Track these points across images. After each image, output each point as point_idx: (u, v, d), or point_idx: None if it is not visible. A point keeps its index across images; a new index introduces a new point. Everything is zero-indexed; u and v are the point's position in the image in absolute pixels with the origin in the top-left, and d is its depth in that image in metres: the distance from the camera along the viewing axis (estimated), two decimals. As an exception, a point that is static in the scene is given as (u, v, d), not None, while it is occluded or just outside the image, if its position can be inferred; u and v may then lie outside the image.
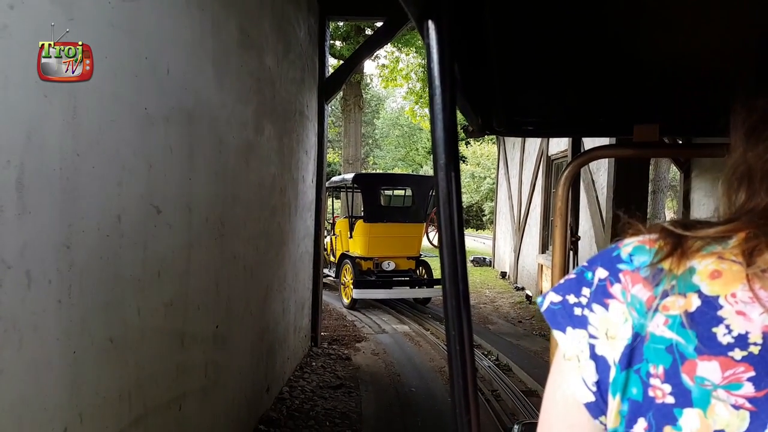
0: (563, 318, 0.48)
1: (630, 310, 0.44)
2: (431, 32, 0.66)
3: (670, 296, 0.42)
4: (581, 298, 0.47)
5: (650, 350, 0.41)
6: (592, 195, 6.38)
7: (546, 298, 0.50)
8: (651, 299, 0.43)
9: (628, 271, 0.45)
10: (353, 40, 11.55)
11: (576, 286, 0.48)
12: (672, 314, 0.41)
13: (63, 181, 1.56)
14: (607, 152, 1.24)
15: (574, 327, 0.46)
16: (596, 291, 0.46)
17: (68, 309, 1.61)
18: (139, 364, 2.01)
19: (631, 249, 0.47)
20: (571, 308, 0.47)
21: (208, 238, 2.63)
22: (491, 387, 4.87)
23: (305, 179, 5.03)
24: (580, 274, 0.48)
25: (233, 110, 2.94)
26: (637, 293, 0.44)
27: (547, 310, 0.49)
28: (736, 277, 0.41)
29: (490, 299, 9.14)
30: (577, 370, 0.46)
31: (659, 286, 0.43)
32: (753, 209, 0.45)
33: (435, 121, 0.68)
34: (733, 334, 0.39)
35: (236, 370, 3.16)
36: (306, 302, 5.35)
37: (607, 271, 0.46)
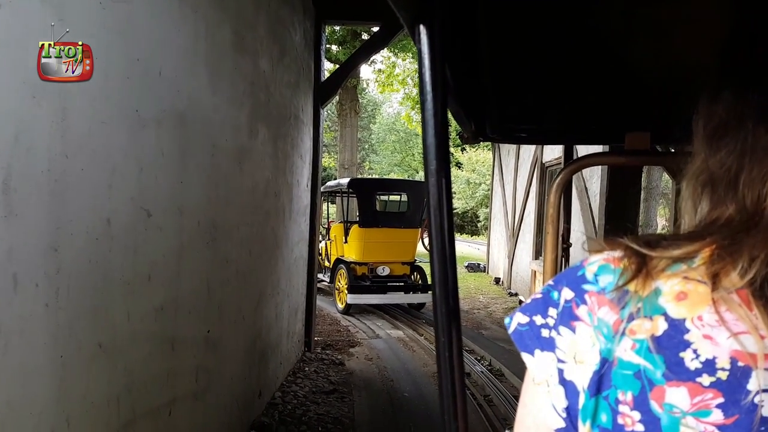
0: (531, 340, 0.47)
1: (597, 334, 0.43)
2: (423, 37, 0.66)
3: (636, 319, 0.41)
4: (548, 319, 0.46)
5: (618, 376, 0.41)
6: (585, 202, 6.40)
7: (513, 319, 0.49)
8: (617, 323, 0.42)
9: (593, 293, 0.44)
10: (349, 44, 11.57)
11: (542, 307, 0.47)
12: (639, 338, 0.40)
13: (51, 183, 1.54)
14: (599, 159, 1.24)
15: (543, 349, 0.46)
16: (563, 313, 0.45)
17: (55, 313, 1.59)
18: (128, 368, 1.98)
19: (596, 268, 0.45)
20: (539, 330, 0.46)
21: (199, 242, 2.61)
22: (484, 392, 4.85)
23: (300, 183, 5.01)
24: (546, 294, 0.47)
25: (227, 113, 2.93)
26: (603, 316, 0.43)
27: (514, 332, 0.48)
28: (702, 298, 0.40)
29: (483, 305, 9.14)
30: (546, 395, 0.45)
31: (625, 308, 0.42)
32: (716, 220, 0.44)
33: (426, 126, 0.68)
34: (700, 359, 0.38)
35: (228, 375, 3.13)
36: (300, 307, 5.32)
37: (573, 292, 0.45)
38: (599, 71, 1.16)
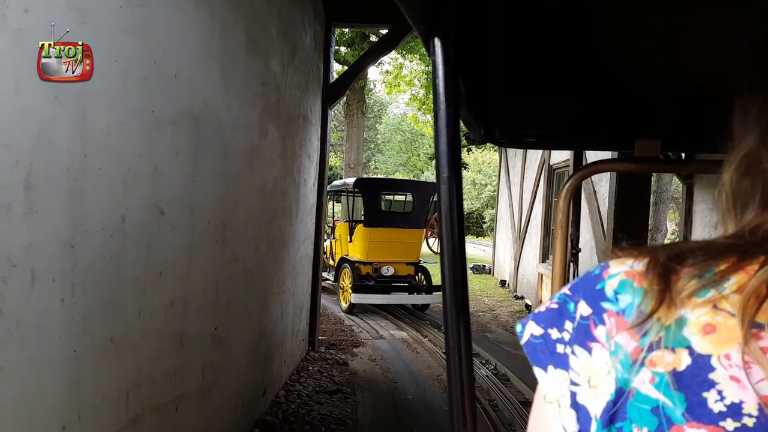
0: (544, 355, 0.44)
1: (614, 361, 0.40)
2: (437, 49, 0.68)
3: (657, 350, 0.38)
4: (564, 334, 0.43)
5: (634, 409, 0.38)
6: (593, 206, 6.39)
7: (526, 328, 0.46)
8: (637, 351, 0.39)
9: (612, 313, 0.41)
10: (358, 46, 11.61)
11: (558, 319, 0.44)
12: (659, 372, 0.37)
13: (70, 181, 1.58)
14: (609, 166, 1.25)
15: (556, 367, 0.43)
16: (578, 330, 0.42)
17: (70, 308, 1.63)
18: (137, 364, 2.02)
19: (617, 284, 0.42)
20: (554, 344, 0.44)
21: (209, 240, 2.65)
22: (489, 397, 4.86)
23: (307, 183, 5.05)
24: (563, 305, 0.44)
25: (238, 114, 2.96)
26: (621, 342, 0.40)
27: (527, 344, 0.45)
28: (732, 335, 0.36)
29: (489, 307, 9.13)
30: (557, 416, 0.42)
31: (646, 336, 0.39)
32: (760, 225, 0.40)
33: (439, 135, 0.70)
34: (725, 402, 0.35)
35: (233, 373, 3.16)
36: (304, 306, 5.36)
37: (591, 309, 0.42)
38: (609, 78, 1.17)
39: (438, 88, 0.70)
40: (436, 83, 0.70)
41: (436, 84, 0.70)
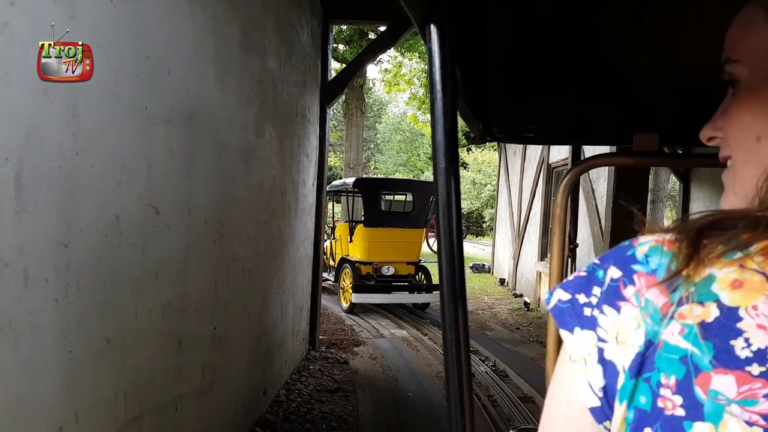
0: (571, 318, 0.46)
1: (644, 316, 0.42)
2: (433, 36, 0.66)
3: (686, 304, 0.40)
4: (591, 298, 0.45)
5: (662, 359, 0.40)
6: (591, 203, 6.38)
7: (553, 294, 0.48)
8: (667, 306, 0.41)
9: (642, 273, 0.43)
10: (356, 43, 11.59)
11: (586, 285, 0.46)
12: (688, 323, 0.40)
13: (62, 179, 1.56)
14: (607, 160, 1.24)
15: (583, 328, 0.45)
16: (608, 292, 0.44)
17: (65, 308, 1.60)
18: (135, 364, 2.00)
19: (647, 249, 0.44)
20: (581, 308, 0.45)
21: (206, 240, 2.62)
22: (488, 392, 4.85)
23: (306, 182, 5.03)
24: (591, 272, 0.46)
25: (234, 112, 2.94)
26: (652, 298, 0.42)
27: (554, 308, 0.47)
28: (758, 288, 0.39)
29: (488, 305, 9.13)
30: (583, 373, 0.44)
31: (676, 292, 0.41)
32: None
33: (436, 125, 0.68)
34: (752, 348, 0.38)
35: (233, 372, 3.15)
36: (305, 305, 5.34)
37: (621, 271, 0.44)
38: (607, 71, 1.16)
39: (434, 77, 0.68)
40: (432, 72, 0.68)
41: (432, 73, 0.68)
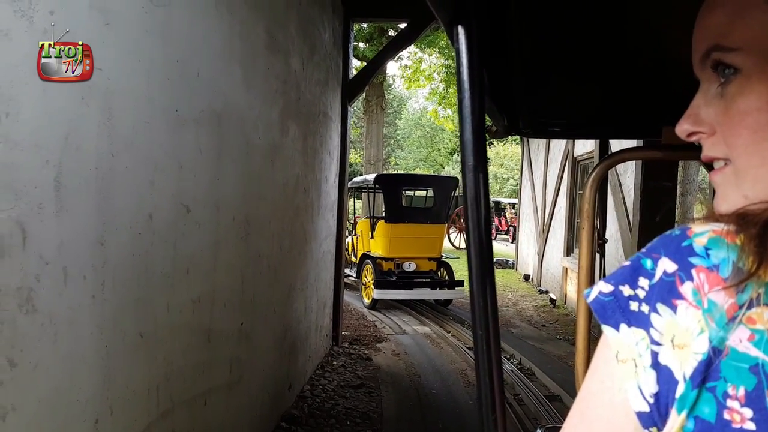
0: (615, 312, 0.42)
1: (707, 319, 0.38)
2: (461, 37, 0.67)
3: (756, 307, 0.36)
4: (638, 290, 0.41)
5: (730, 368, 0.37)
6: (618, 197, 6.27)
7: (594, 288, 0.44)
8: (733, 308, 0.37)
9: (703, 268, 0.39)
10: (376, 41, 11.59)
11: (631, 276, 0.42)
12: (759, 329, 0.36)
13: (98, 180, 1.62)
14: (635, 154, 1.22)
15: (630, 324, 0.41)
16: (660, 287, 0.40)
17: (101, 304, 1.66)
18: (167, 359, 2.06)
19: (707, 241, 0.39)
20: (626, 301, 0.41)
21: (234, 237, 2.68)
22: (514, 391, 4.83)
23: (328, 179, 5.07)
24: (636, 261, 0.42)
25: (260, 112, 2.99)
26: (715, 299, 0.38)
27: (595, 301, 0.43)
28: None
29: (512, 302, 9.06)
30: (632, 375, 0.41)
31: (744, 293, 0.37)
32: None
33: (464, 124, 0.69)
34: None
35: (259, 367, 3.21)
36: (327, 302, 5.39)
37: (676, 264, 0.40)
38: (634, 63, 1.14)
39: (462, 77, 0.69)
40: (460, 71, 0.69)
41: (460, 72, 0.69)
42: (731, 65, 0.45)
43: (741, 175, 0.45)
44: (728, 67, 0.45)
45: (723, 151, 0.46)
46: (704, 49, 0.46)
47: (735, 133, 0.45)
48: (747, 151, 0.44)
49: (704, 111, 0.47)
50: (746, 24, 0.43)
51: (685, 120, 0.49)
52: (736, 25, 0.44)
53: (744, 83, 0.44)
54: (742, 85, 0.44)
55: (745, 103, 0.44)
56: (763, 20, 0.43)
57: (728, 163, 0.46)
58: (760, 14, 0.43)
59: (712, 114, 0.47)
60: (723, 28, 0.45)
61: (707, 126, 0.47)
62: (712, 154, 0.47)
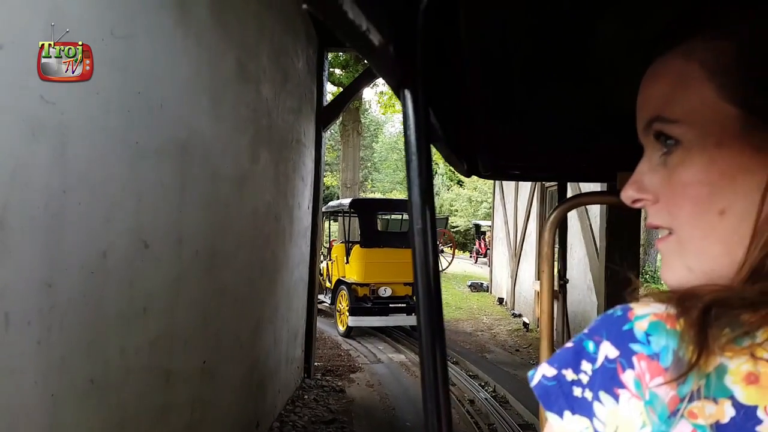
0: (558, 398, 0.41)
1: (649, 412, 0.36)
2: (408, 102, 0.66)
3: (697, 400, 0.35)
4: (581, 375, 0.40)
5: None
6: (585, 223, 6.38)
7: (538, 370, 0.43)
8: (675, 401, 0.36)
9: (644, 356, 0.38)
10: (352, 68, 11.71)
11: (574, 359, 0.41)
12: (700, 424, 0.35)
13: (48, 218, 1.54)
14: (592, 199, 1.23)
15: (574, 412, 0.39)
16: (603, 374, 0.39)
17: (48, 350, 1.57)
18: (121, 404, 1.95)
19: (647, 325, 0.39)
20: (570, 386, 0.40)
21: (197, 271, 2.60)
22: (488, 421, 4.77)
23: (301, 205, 5.02)
24: (579, 344, 0.41)
25: (228, 141, 2.94)
26: (657, 391, 0.37)
27: (538, 386, 0.42)
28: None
29: (487, 326, 9.05)
30: None
31: (685, 385, 0.36)
32: None
33: (411, 186, 0.67)
34: None
35: (224, 407, 3.09)
36: (299, 331, 5.28)
37: (617, 350, 0.39)
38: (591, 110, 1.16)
39: (410, 140, 0.68)
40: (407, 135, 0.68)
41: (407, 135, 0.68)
42: (672, 137, 0.44)
43: (684, 246, 0.44)
44: (669, 138, 0.44)
45: (666, 220, 0.45)
46: (647, 118, 0.46)
47: (677, 204, 0.44)
48: (689, 223, 0.43)
49: (648, 178, 0.47)
50: (687, 96, 0.43)
51: (630, 186, 0.48)
52: (677, 96, 0.44)
53: (685, 155, 0.43)
54: (683, 157, 0.43)
55: (687, 174, 0.43)
56: (702, 93, 0.42)
57: (672, 233, 0.45)
58: (699, 87, 0.42)
59: (655, 182, 0.46)
60: (665, 99, 0.45)
61: (651, 194, 0.46)
62: (656, 222, 0.47)
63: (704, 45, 0.42)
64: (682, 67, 0.43)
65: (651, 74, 0.47)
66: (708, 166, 0.42)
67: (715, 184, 0.41)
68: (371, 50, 0.50)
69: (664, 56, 0.45)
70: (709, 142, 0.42)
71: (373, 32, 0.47)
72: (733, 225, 0.41)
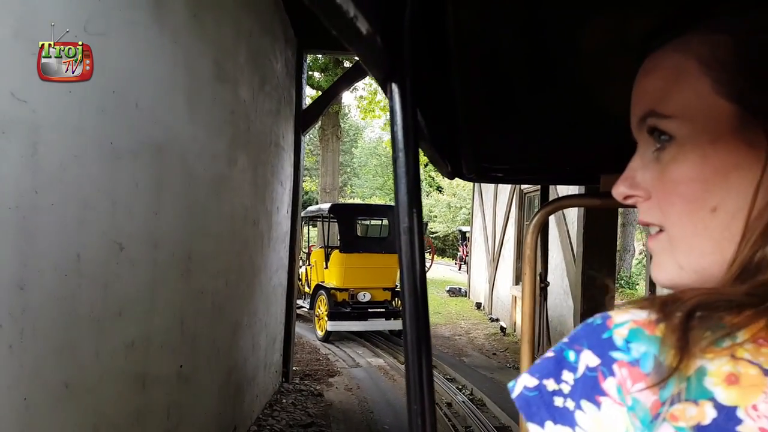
0: (540, 408, 0.40)
1: (631, 417, 0.36)
2: (395, 95, 0.65)
3: (678, 403, 0.35)
4: (562, 385, 0.40)
5: None
6: (563, 229, 6.48)
7: (518, 381, 0.43)
8: (656, 405, 0.36)
9: (624, 363, 0.38)
10: (332, 71, 11.69)
11: (555, 369, 0.40)
12: (682, 426, 0.35)
13: (19, 220, 1.50)
14: (574, 201, 1.24)
15: (556, 422, 0.39)
16: (584, 382, 0.39)
17: (20, 354, 1.52)
18: (96, 408, 1.90)
19: (627, 333, 0.38)
20: (551, 397, 0.40)
21: (174, 275, 2.55)
22: (465, 423, 4.80)
23: (280, 210, 4.97)
24: (560, 353, 0.41)
25: (205, 142, 2.90)
26: (639, 396, 0.37)
27: (519, 397, 0.42)
28: (756, 383, 0.35)
29: (465, 330, 9.10)
30: None
31: (665, 389, 0.36)
32: None
33: (398, 184, 0.66)
34: None
35: (201, 411, 3.03)
36: (278, 336, 5.23)
37: (598, 359, 0.38)
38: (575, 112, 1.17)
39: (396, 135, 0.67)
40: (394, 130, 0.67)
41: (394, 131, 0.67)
42: (666, 132, 0.44)
43: (675, 244, 0.44)
44: (663, 134, 0.44)
45: (658, 217, 0.45)
46: (641, 114, 0.45)
47: (669, 200, 0.44)
48: (680, 220, 0.43)
49: (640, 174, 0.46)
50: (681, 91, 0.42)
51: (622, 182, 0.48)
52: (671, 91, 0.43)
53: (678, 151, 0.43)
54: (676, 153, 0.43)
55: (679, 171, 0.43)
56: (697, 88, 0.41)
57: (663, 230, 0.45)
58: (694, 81, 0.42)
59: (648, 178, 0.45)
60: (659, 94, 0.44)
61: (643, 190, 0.46)
62: (647, 219, 0.46)
63: (700, 39, 0.42)
64: (677, 61, 0.43)
65: (645, 69, 0.46)
66: (701, 162, 0.41)
67: (708, 180, 0.41)
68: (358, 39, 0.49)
69: (658, 51, 0.45)
70: (702, 137, 0.41)
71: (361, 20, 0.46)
72: (725, 222, 0.41)
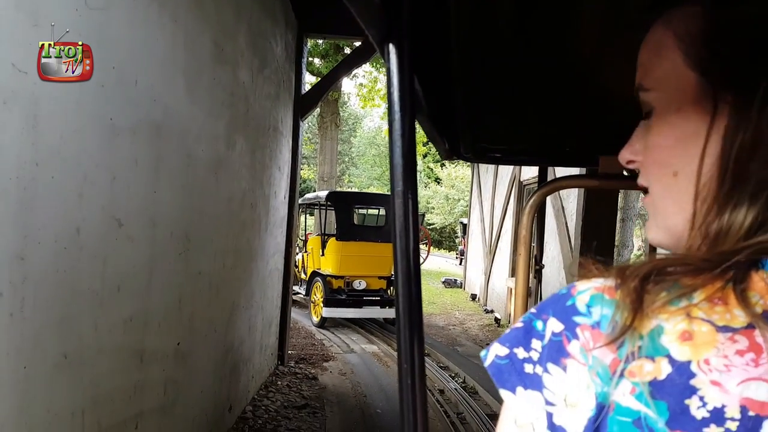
0: (511, 375, 0.42)
1: (592, 375, 0.38)
2: (392, 56, 0.65)
3: (636, 360, 0.37)
4: (531, 353, 0.41)
5: (615, 423, 0.37)
6: (561, 222, 6.50)
7: (490, 350, 0.44)
8: (615, 363, 0.37)
9: (586, 326, 0.39)
10: (332, 58, 11.63)
11: (524, 338, 0.42)
12: (639, 381, 0.36)
13: (20, 191, 1.51)
14: (572, 182, 1.25)
15: (526, 387, 0.41)
16: (550, 347, 0.40)
17: (20, 323, 1.55)
18: (94, 381, 1.93)
19: (588, 298, 0.40)
20: (521, 364, 0.41)
21: (172, 253, 2.57)
22: (457, 410, 4.85)
23: (277, 195, 4.99)
24: (528, 323, 0.42)
25: (204, 124, 2.91)
26: (599, 355, 0.38)
27: (491, 365, 0.43)
28: (708, 340, 0.36)
29: (459, 321, 9.16)
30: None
31: (623, 347, 0.37)
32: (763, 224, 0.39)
33: (393, 146, 0.67)
34: (708, 408, 0.35)
35: (197, 389, 3.07)
36: (274, 320, 5.26)
37: (562, 324, 0.40)
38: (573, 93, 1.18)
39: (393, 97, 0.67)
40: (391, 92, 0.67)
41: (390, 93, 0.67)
42: (647, 103, 0.47)
43: (654, 206, 0.48)
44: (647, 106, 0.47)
45: (646, 180, 0.49)
46: (635, 87, 0.49)
47: (648, 165, 0.48)
48: (654, 184, 0.47)
49: (639, 141, 0.50)
50: (660, 65, 0.45)
51: (626, 148, 0.51)
52: (653, 65, 0.46)
53: (656, 121, 0.46)
54: (654, 122, 0.46)
55: (654, 139, 0.46)
56: (673, 60, 0.44)
57: (649, 193, 0.49)
58: (671, 54, 0.44)
59: (640, 146, 0.49)
60: (644, 68, 0.47)
61: (641, 155, 0.49)
62: (641, 182, 0.50)
63: (680, 13, 0.44)
64: (660, 35, 0.45)
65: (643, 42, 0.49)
66: (668, 130, 0.45)
67: (672, 147, 0.44)
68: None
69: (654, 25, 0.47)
70: (671, 107, 0.44)
71: None
72: (684, 186, 0.44)
